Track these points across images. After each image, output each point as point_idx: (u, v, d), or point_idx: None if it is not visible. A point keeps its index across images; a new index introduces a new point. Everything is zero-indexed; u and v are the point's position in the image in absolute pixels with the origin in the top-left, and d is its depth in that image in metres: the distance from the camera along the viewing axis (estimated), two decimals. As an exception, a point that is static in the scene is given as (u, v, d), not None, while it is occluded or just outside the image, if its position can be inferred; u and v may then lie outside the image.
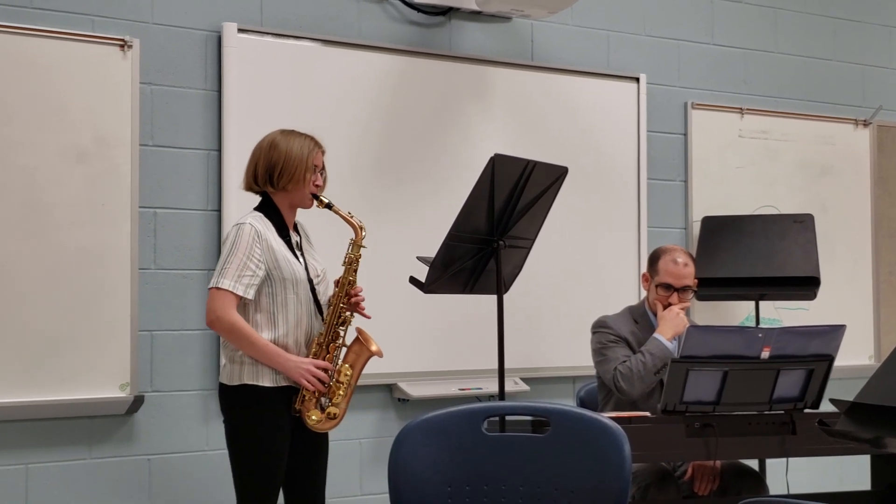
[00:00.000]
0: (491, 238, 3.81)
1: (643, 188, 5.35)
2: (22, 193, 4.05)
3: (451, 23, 4.96)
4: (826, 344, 3.67)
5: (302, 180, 3.54)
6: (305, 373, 3.45)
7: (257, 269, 3.44)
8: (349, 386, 3.56)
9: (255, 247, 3.44)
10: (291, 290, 3.50)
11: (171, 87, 4.37)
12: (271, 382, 3.46)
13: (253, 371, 3.46)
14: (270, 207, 3.58)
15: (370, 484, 4.64)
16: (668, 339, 4.04)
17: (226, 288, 3.42)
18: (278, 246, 3.50)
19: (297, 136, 3.59)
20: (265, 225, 3.51)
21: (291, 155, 3.53)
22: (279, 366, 3.45)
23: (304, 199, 3.59)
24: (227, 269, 3.43)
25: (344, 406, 3.55)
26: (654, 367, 3.99)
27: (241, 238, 3.45)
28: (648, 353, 4.02)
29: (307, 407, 3.50)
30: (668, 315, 4.11)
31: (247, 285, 3.43)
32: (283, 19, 4.58)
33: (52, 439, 4.14)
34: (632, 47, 5.43)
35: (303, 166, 3.53)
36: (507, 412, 3.22)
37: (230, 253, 3.45)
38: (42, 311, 4.06)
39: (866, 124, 5.99)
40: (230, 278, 3.42)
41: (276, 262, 3.47)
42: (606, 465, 2.60)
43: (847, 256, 5.87)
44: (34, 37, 4.08)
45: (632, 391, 4.00)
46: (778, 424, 3.68)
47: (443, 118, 4.88)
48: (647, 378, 3.99)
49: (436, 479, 2.66)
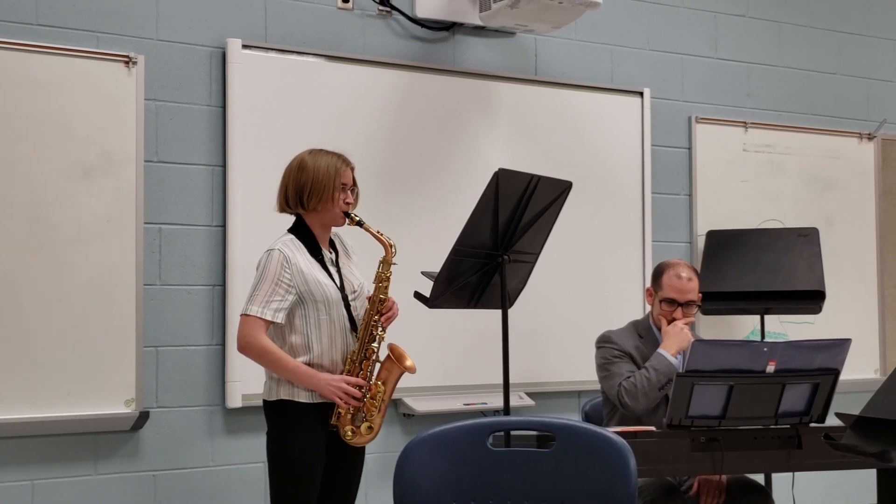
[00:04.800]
0: (495, 253, 3.81)
1: (647, 202, 5.35)
2: (28, 210, 4.06)
3: (454, 38, 4.97)
4: (832, 358, 3.66)
5: (331, 200, 3.59)
6: (337, 390, 3.52)
7: (286, 293, 3.52)
8: (383, 401, 3.63)
9: (283, 272, 3.52)
10: (324, 311, 3.56)
11: (176, 104, 4.38)
12: (308, 399, 3.55)
13: (289, 388, 3.55)
14: (303, 228, 3.64)
15: (375, 498, 4.63)
16: (672, 355, 4.04)
17: (254, 314, 3.51)
18: (309, 269, 3.56)
19: (324, 155, 3.64)
20: (296, 247, 3.58)
21: (319, 175, 3.58)
22: (311, 385, 3.52)
23: (336, 217, 3.64)
24: (256, 295, 3.52)
25: (379, 421, 3.63)
26: (659, 383, 3.98)
27: (269, 264, 3.53)
28: (653, 369, 4.01)
29: (343, 422, 3.58)
30: (671, 330, 4.10)
31: (275, 310, 3.51)
32: (287, 35, 4.59)
33: (58, 455, 4.14)
34: (635, 62, 5.43)
35: (331, 186, 3.59)
36: (513, 427, 3.21)
37: (259, 279, 3.54)
38: (47, 327, 4.06)
39: (871, 138, 5.99)
40: (258, 304, 3.51)
41: (306, 285, 3.54)
42: (612, 480, 2.60)
43: (852, 270, 5.86)
44: (39, 53, 4.09)
45: (636, 407, 4.00)
46: (784, 438, 3.67)
47: (447, 133, 4.88)
48: (651, 394, 3.99)
49: (441, 494, 2.66)
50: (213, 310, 4.40)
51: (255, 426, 4.17)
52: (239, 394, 4.37)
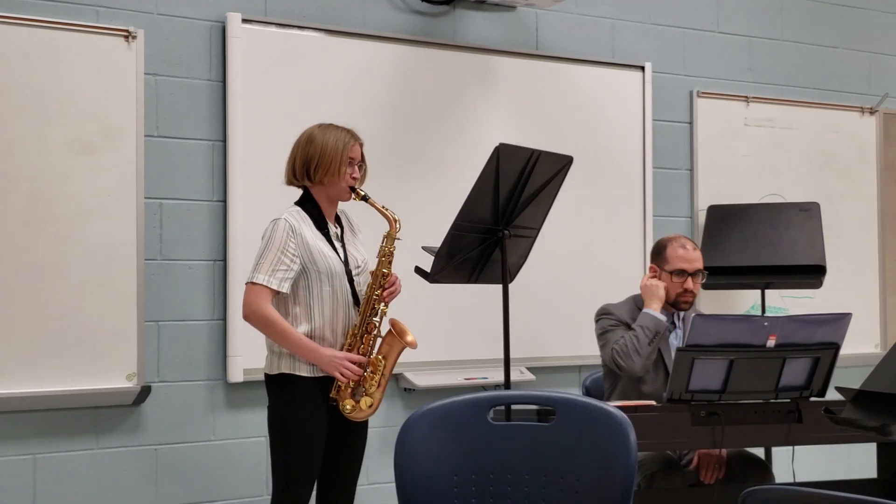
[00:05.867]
0: (496, 227, 3.81)
1: (648, 177, 5.34)
2: (28, 185, 4.05)
3: (455, 12, 4.95)
4: (832, 332, 3.67)
5: (338, 174, 3.59)
6: (339, 365, 3.52)
7: (292, 263, 3.52)
8: (383, 376, 3.63)
9: (289, 241, 3.52)
10: (327, 283, 3.56)
11: (176, 78, 4.37)
12: (308, 372, 3.55)
13: (291, 361, 3.55)
14: (309, 201, 3.64)
15: (376, 473, 4.65)
16: (655, 310, 4.06)
17: (260, 282, 3.51)
18: (314, 240, 3.56)
19: (333, 130, 3.64)
20: (302, 219, 3.58)
21: (327, 149, 3.58)
22: (314, 359, 3.53)
23: (342, 192, 3.64)
24: (261, 263, 3.52)
25: (379, 396, 3.63)
26: (647, 338, 4.01)
27: (275, 233, 3.53)
28: (639, 327, 4.05)
29: (343, 396, 3.57)
30: (643, 289, 4.17)
31: (281, 279, 3.50)
32: (287, 10, 4.57)
33: (60, 430, 4.15)
34: (637, 36, 5.41)
35: (338, 159, 3.59)
36: (513, 401, 3.23)
37: (265, 248, 3.53)
38: (49, 302, 4.07)
39: (872, 112, 5.98)
40: (264, 273, 3.50)
41: (311, 255, 3.54)
42: (612, 454, 2.60)
43: (853, 244, 5.86)
44: (38, 28, 4.08)
45: (632, 366, 4.01)
46: (784, 413, 3.69)
47: (447, 108, 4.87)
48: (642, 350, 4.00)
49: (442, 468, 2.67)
50: (214, 285, 4.41)
51: (257, 401, 4.19)
52: (240, 368, 4.38)
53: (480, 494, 2.67)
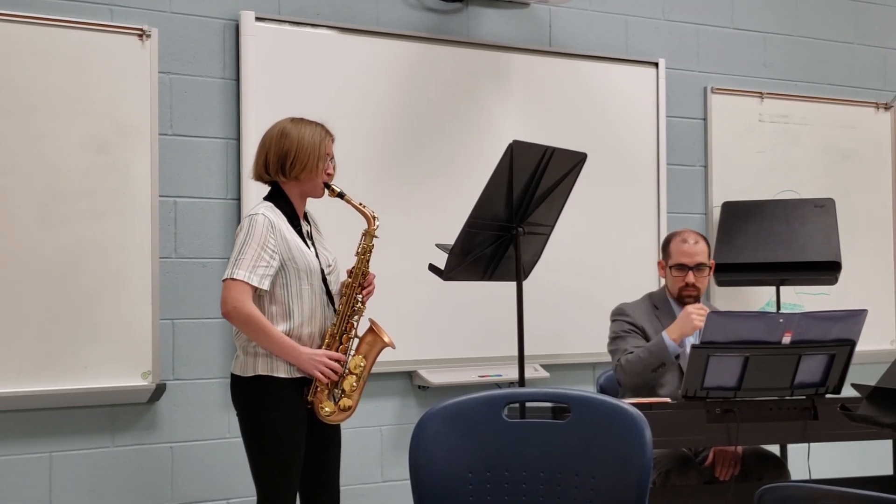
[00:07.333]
0: (510, 225, 3.81)
1: (663, 174, 5.33)
2: (43, 183, 4.06)
3: (468, 9, 4.95)
4: (848, 329, 3.66)
5: (315, 169, 3.51)
6: (319, 364, 3.44)
7: (272, 259, 3.41)
8: (361, 377, 3.55)
9: (269, 237, 3.42)
10: (306, 281, 3.48)
11: (190, 76, 4.38)
12: (286, 373, 3.45)
13: (268, 362, 3.44)
14: (281, 197, 3.55)
15: (391, 471, 4.65)
16: (673, 340, 4.03)
17: (241, 279, 3.39)
18: (291, 236, 3.48)
19: (307, 125, 3.56)
20: (277, 215, 3.49)
21: (304, 144, 3.50)
22: (293, 358, 3.42)
23: (317, 188, 3.56)
24: (241, 259, 3.40)
25: (356, 397, 3.54)
26: (650, 365, 4.00)
27: (254, 229, 3.42)
28: (647, 350, 4.03)
29: (319, 398, 3.49)
30: (682, 314, 4.09)
31: (262, 276, 3.40)
32: (300, 7, 4.58)
33: (75, 428, 4.17)
34: (650, 32, 5.40)
35: (315, 155, 3.51)
36: (528, 398, 3.22)
37: (244, 244, 3.42)
38: (64, 300, 4.08)
39: (887, 108, 5.95)
40: (245, 269, 3.39)
41: (290, 252, 3.45)
42: (627, 451, 2.60)
43: (868, 241, 5.84)
44: (53, 27, 4.09)
45: (625, 384, 4.08)
46: (799, 410, 3.68)
47: (461, 105, 4.87)
48: (641, 375, 4.02)
49: (456, 466, 2.67)
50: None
51: (271, 398, 4.18)
52: (255, 366, 4.38)
53: (495, 492, 2.67)
